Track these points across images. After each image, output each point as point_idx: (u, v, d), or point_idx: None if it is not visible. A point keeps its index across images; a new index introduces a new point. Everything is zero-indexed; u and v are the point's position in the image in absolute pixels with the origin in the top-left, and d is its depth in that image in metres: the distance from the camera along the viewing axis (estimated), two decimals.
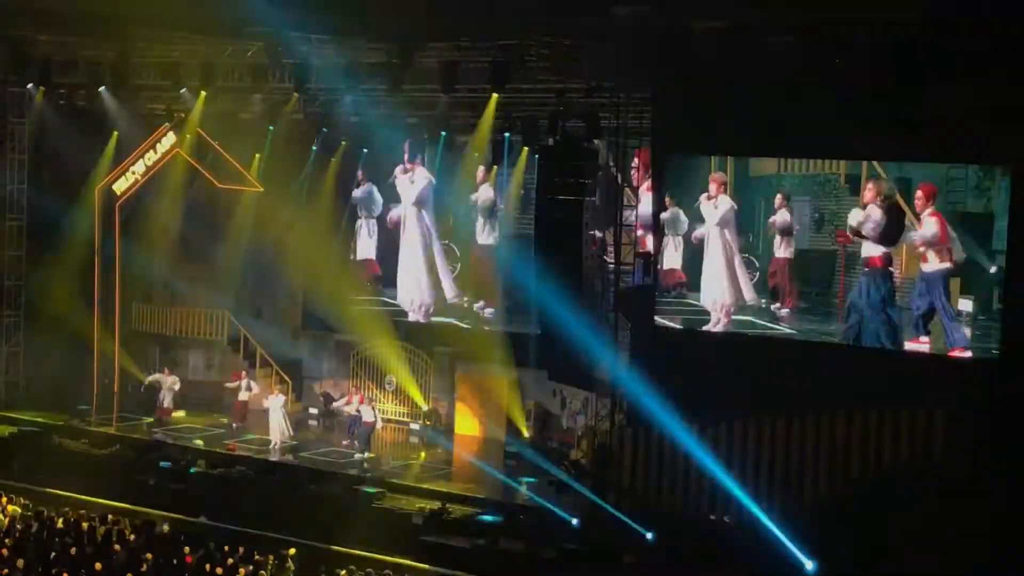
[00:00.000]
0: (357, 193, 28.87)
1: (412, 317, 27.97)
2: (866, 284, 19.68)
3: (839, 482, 20.01)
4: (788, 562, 19.50)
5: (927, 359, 19.83)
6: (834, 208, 20.02)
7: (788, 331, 20.54)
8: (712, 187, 21.45)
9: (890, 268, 19.49)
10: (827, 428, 20.12)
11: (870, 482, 19.77)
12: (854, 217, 19.82)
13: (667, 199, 22.32)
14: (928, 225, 19.41)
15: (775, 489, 20.40)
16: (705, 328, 21.86)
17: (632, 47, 21.35)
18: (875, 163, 19.89)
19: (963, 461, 18.97)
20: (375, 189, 28.77)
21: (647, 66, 21.86)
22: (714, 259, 21.77)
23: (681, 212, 22.30)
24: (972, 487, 18.83)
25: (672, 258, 22.86)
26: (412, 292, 27.89)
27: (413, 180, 27.61)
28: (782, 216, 21.06)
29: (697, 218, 22.02)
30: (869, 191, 19.60)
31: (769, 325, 21.05)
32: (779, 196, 20.81)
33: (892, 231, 19.46)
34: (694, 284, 22.41)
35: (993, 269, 19.08)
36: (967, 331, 19.35)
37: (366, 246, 29.19)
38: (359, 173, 28.76)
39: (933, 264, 19.48)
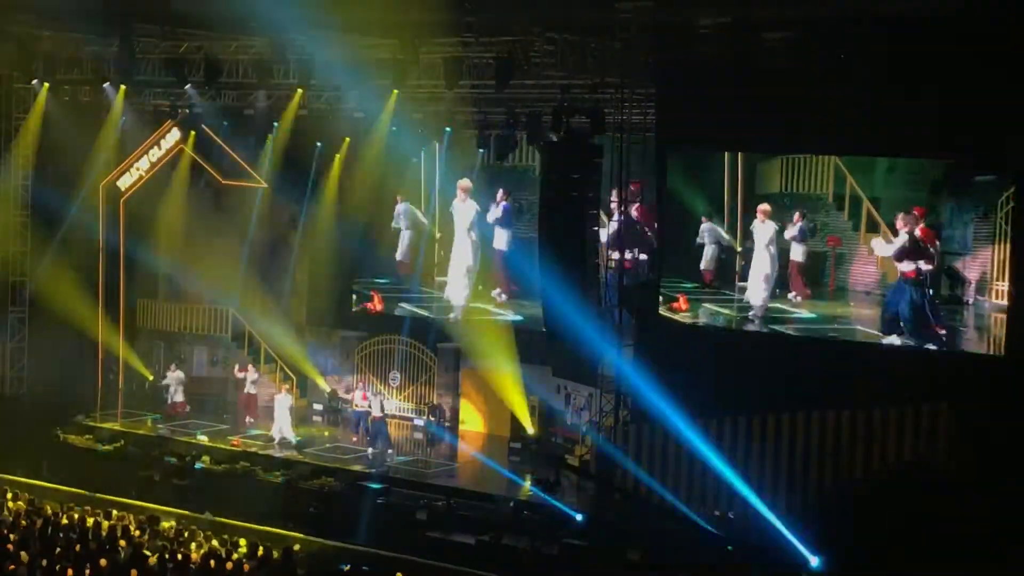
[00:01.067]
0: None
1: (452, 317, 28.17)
2: (907, 291, 20.71)
3: (843, 478, 20.01)
4: (792, 559, 19.50)
5: (930, 356, 19.90)
6: (824, 219, 21.77)
7: (808, 315, 22.14)
8: (760, 216, 22.20)
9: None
10: (832, 425, 20.14)
11: (874, 479, 19.77)
12: (881, 248, 21.02)
13: (703, 218, 22.65)
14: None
15: (779, 485, 20.41)
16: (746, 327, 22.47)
17: (637, 43, 21.34)
18: (854, 185, 21.04)
19: (968, 458, 18.97)
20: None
21: (652, 62, 21.87)
22: (763, 273, 22.47)
23: (718, 228, 22.73)
24: (975, 485, 18.82)
25: (705, 262, 23.10)
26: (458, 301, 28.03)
27: (467, 205, 27.63)
28: (799, 228, 22.12)
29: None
30: (900, 221, 20.63)
31: (791, 310, 22.26)
32: (797, 213, 22.04)
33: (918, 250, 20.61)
34: (727, 284, 22.87)
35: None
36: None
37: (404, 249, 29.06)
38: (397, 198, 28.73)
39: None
